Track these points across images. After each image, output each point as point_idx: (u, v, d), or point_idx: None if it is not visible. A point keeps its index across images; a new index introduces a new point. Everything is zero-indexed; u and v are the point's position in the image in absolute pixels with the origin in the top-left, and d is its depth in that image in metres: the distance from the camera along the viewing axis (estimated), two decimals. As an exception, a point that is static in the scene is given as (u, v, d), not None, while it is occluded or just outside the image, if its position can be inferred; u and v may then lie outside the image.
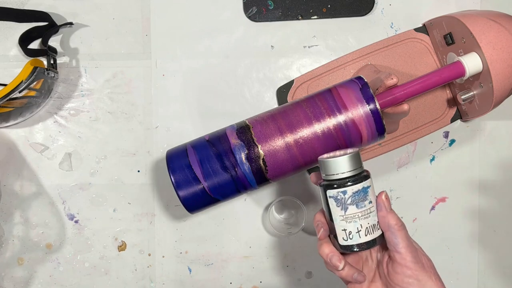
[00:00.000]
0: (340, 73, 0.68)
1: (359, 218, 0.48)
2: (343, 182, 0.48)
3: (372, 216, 0.49)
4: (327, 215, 0.50)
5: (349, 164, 0.48)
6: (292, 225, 0.70)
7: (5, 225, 0.70)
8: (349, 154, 0.49)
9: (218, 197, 0.58)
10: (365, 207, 0.48)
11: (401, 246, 0.48)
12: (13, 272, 0.70)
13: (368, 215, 0.49)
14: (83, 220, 0.70)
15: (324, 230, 0.50)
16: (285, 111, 0.58)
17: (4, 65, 0.69)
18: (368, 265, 0.52)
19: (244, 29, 0.70)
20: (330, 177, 0.49)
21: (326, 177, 0.50)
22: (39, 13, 0.68)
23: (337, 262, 0.49)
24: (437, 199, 0.71)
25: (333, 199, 0.49)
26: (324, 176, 0.50)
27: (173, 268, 0.71)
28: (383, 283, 0.51)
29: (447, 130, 0.71)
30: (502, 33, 0.57)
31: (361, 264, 0.53)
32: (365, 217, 0.48)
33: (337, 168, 0.48)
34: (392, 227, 0.48)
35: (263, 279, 0.71)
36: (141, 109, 0.70)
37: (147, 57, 0.70)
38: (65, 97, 0.70)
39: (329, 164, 0.49)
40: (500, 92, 0.59)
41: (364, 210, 0.48)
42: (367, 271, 0.52)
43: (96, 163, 0.70)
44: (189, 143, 0.60)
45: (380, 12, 0.70)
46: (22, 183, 0.70)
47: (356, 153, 0.49)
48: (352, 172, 0.48)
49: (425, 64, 0.68)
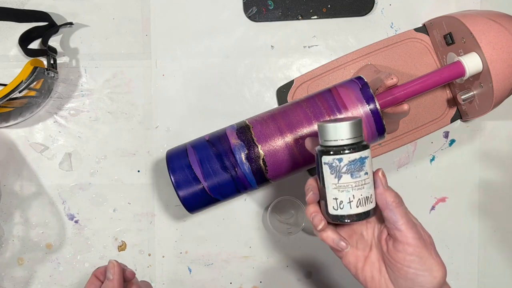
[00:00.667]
0: (340, 73, 0.68)
1: (352, 188, 0.46)
2: (340, 149, 0.46)
3: (366, 188, 0.47)
4: (320, 182, 0.48)
5: (348, 131, 0.46)
6: (292, 225, 0.70)
7: (5, 225, 0.70)
8: (350, 121, 0.46)
9: (218, 197, 0.58)
10: (360, 177, 0.46)
11: (400, 223, 0.46)
12: (13, 272, 0.70)
13: (362, 186, 0.46)
14: (83, 220, 0.70)
15: (314, 194, 0.49)
16: (285, 111, 0.58)
17: (4, 65, 0.69)
18: (363, 241, 0.51)
19: (244, 29, 0.70)
20: (327, 142, 0.47)
21: (323, 143, 0.47)
22: (39, 13, 0.68)
23: (317, 222, 0.48)
24: (437, 199, 0.71)
25: (327, 166, 0.46)
26: (321, 141, 0.47)
27: (173, 268, 0.71)
28: (381, 260, 0.49)
29: (447, 130, 0.71)
30: (502, 33, 0.57)
31: (355, 239, 0.51)
32: (358, 188, 0.46)
33: (336, 134, 0.46)
34: (390, 204, 0.46)
35: (263, 279, 0.71)
36: (141, 109, 0.70)
37: (147, 57, 0.70)
38: (65, 97, 0.70)
39: (327, 129, 0.46)
40: (500, 92, 0.59)
41: (358, 181, 0.46)
42: (362, 247, 0.51)
43: (96, 163, 0.70)
44: (189, 143, 0.60)
45: (380, 12, 0.70)
46: (22, 183, 0.70)
47: (357, 121, 0.46)
48: (351, 140, 0.46)
49: (425, 64, 0.68)
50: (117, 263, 0.55)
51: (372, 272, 0.50)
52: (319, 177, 0.48)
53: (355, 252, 0.51)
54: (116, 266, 0.54)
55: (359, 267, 0.50)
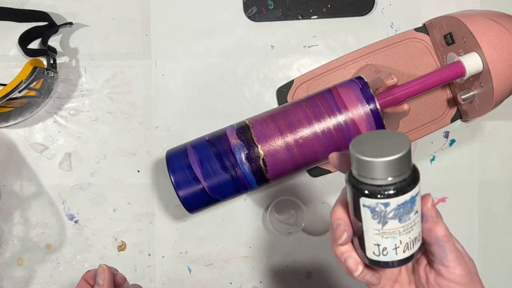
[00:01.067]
0: (340, 73, 0.68)
1: (400, 233, 0.37)
2: (385, 190, 0.35)
3: (415, 229, 0.38)
4: (353, 216, 0.38)
5: (398, 167, 0.34)
6: (292, 225, 0.70)
7: (5, 225, 0.70)
8: (399, 153, 0.34)
9: (218, 197, 0.58)
10: (410, 220, 0.37)
11: (449, 259, 0.41)
12: (12, 272, 0.70)
13: (411, 228, 0.38)
14: (83, 220, 0.70)
15: (348, 236, 0.40)
16: (285, 111, 0.58)
17: (3, 65, 0.69)
18: (392, 271, 0.45)
19: (244, 29, 0.70)
20: (367, 180, 0.35)
21: (360, 178, 0.36)
22: (39, 13, 0.68)
23: (353, 266, 0.40)
24: (437, 199, 0.71)
25: (368, 210, 0.36)
26: (356, 172, 0.36)
27: (173, 268, 0.71)
28: (414, 283, 0.44)
29: (447, 130, 0.71)
30: (502, 33, 0.57)
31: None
32: (407, 232, 0.37)
33: (381, 172, 0.35)
34: (440, 240, 0.40)
35: (263, 279, 0.71)
36: (141, 109, 0.70)
37: (147, 57, 0.70)
38: (65, 97, 0.70)
39: (367, 164, 0.35)
40: (500, 92, 0.59)
41: (407, 224, 0.37)
42: (389, 275, 0.44)
43: (96, 163, 0.70)
44: (189, 143, 0.60)
45: (380, 12, 0.70)
46: (22, 183, 0.70)
47: (407, 151, 0.35)
48: (400, 177, 0.35)
49: (425, 64, 0.68)
50: (107, 267, 0.53)
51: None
52: (354, 213, 0.38)
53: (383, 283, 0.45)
54: (106, 271, 0.53)
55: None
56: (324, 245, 0.71)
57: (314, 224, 0.71)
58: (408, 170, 0.36)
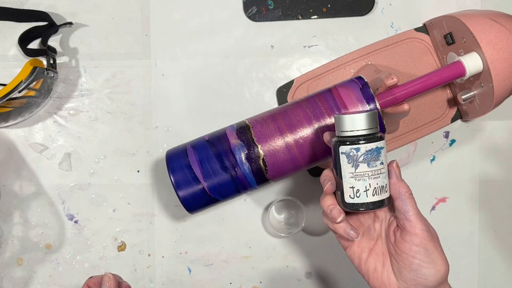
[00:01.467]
0: (340, 73, 0.68)
1: (369, 177, 0.48)
2: (357, 139, 0.48)
3: (381, 178, 0.48)
4: (336, 172, 0.50)
5: (365, 122, 0.48)
6: (292, 225, 0.70)
7: (5, 225, 0.70)
8: (366, 112, 0.48)
9: (218, 197, 0.58)
10: (376, 167, 0.48)
11: (411, 213, 0.48)
12: (12, 272, 0.70)
13: (378, 175, 0.48)
14: (83, 220, 0.70)
15: (331, 184, 0.50)
16: (285, 111, 0.58)
17: (3, 65, 0.69)
18: (369, 233, 0.52)
19: (244, 29, 0.70)
20: (344, 133, 0.49)
21: (340, 133, 0.49)
22: (38, 13, 0.68)
23: (336, 214, 0.49)
24: (437, 199, 0.71)
25: (345, 156, 0.48)
26: (338, 132, 0.49)
27: (173, 268, 0.71)
28: (386, 253, 0.51)
29: (448, 130, 0.71)
30: (502, 33, 0.57)
31: (362, 230, 0.53)
32: (374, 177, 0.48)
33: (353, 125, 0.48)
34: (402, 194, 0.48)
35: (263, 279, 0.71)
36: (141, 109, 0.70)
37: (147, 57, 0.70)
38: (64, 97, 0.70)
39: (345, 119, 0.48)
40: (501, 92, 0.59)
41: (374, 170, 0.48)
42: (367, 239, 0.52)
43: (95, 163, 0.70)
44: (189, 143, 0.60)
45: (380, 12, 0.70)
46: (21, 183, 0.70)
47: (373, 112, 0.49)
48: (368, 131, 0.48)
49: (425, 64, 0.68)
50: (113, 276, 0.53)
51: (375, 264, 0.51)
52: (335, 167, 0.49)
53: (360, 243, 0.52)
54: (112, 279, 0.52)
55: (363, 258, 0.52)
56: (324, 245, 0.71)
57: (314, 224, 0.71)
58: (374, 128, 0.48)
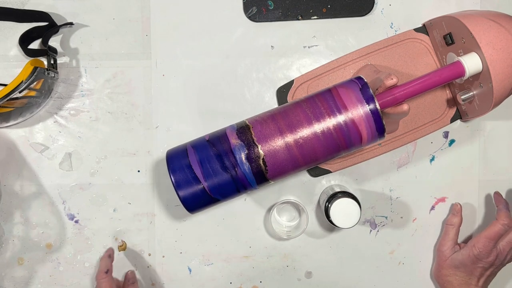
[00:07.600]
0: (340, 73, 0.68)
1: None
2: None
3: None
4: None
5: None
6: (294, 228, 0.70)
7: (5, 225, 0.70)
8: None
9: (218, 197, 0.58)
10: None
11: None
12: (13, 272, 0.70)
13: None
14: (83, 220, 0.70)
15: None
16: (285, 111, 0.58)
17: (4, 65, 0.69)
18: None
19: (244, 29, 0.70)
20: None
21: None
22: (39, 13, 0.68)
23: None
24: (437, 199, 0.71)
25: None
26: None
27: (173, 268, 0.71)
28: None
29: (447, 130, 0.71)
30: (502, 33, 0.57)
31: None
32: None
33: None
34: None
35: (263, 279, 0.71)
36: (141, 109, 0.70)
37: (147, 57, 0.70)
38: (65, 97, 0.70)
39: None
40: (500, 92, 0.59)
41: None
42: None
43: (96, 163, 0.70)
44: (189, 143, 0.60)
45: (380, 12, 0.70)
46: (22, 183, 0.70)
47: None
48: None
49: (425, 64, 0.68)
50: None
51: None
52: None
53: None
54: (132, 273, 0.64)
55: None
56: (324, 245, 0.71)
57: (313, 224, 0.71)
58: None
